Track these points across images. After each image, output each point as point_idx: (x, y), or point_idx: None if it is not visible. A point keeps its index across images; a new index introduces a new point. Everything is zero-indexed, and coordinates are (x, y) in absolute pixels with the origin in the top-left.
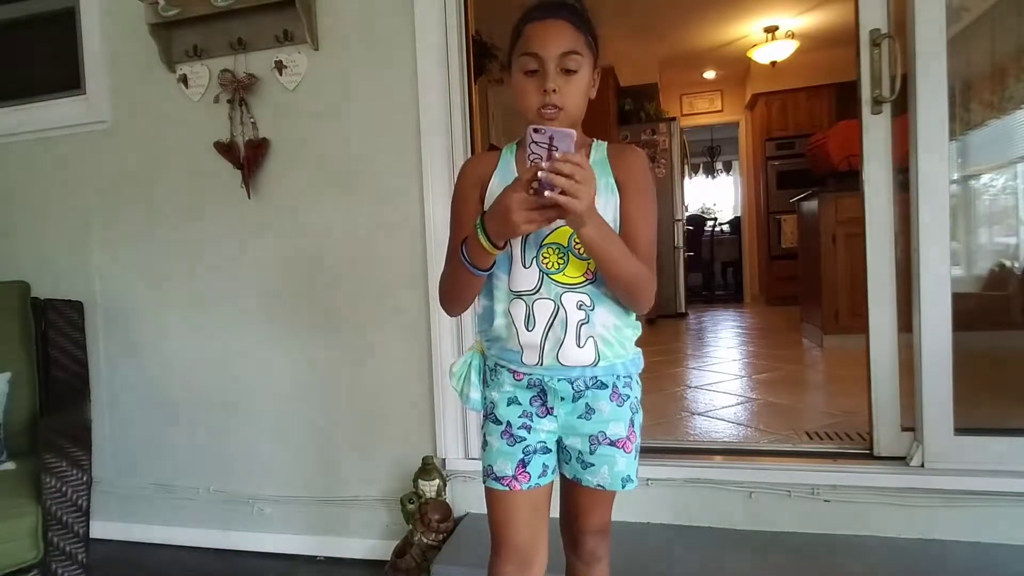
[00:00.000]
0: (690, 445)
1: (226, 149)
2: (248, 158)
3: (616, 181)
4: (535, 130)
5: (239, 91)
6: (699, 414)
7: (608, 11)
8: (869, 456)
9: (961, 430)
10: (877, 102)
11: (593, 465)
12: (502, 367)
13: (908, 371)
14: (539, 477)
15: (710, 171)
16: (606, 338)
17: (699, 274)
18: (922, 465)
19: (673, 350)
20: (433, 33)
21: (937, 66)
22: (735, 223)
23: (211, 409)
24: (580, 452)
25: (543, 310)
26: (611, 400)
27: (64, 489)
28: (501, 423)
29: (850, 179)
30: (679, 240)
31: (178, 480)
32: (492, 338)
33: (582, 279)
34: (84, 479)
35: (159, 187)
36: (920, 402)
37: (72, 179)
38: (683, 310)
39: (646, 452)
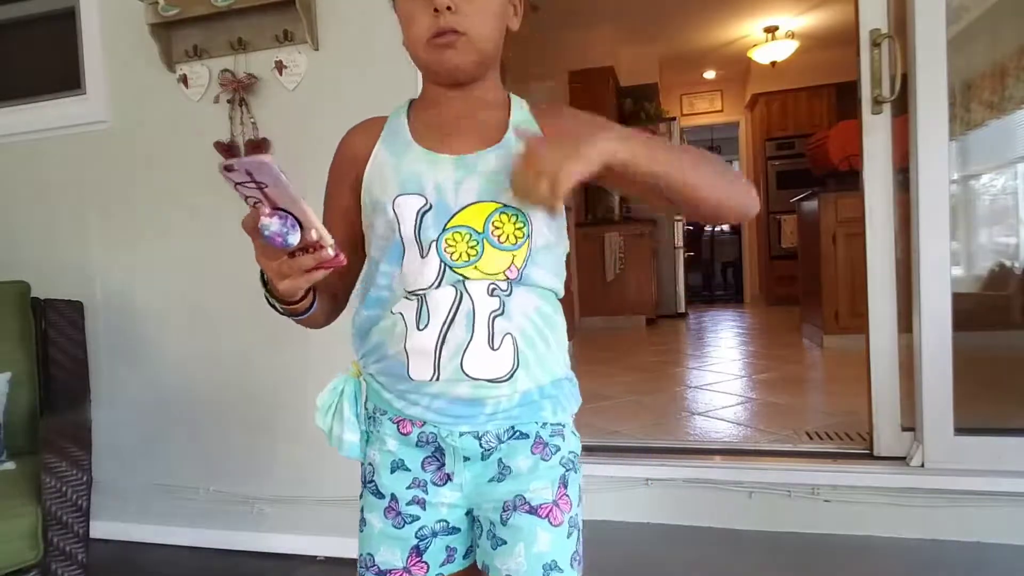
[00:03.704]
0: (690, 445)
1: (226, 149)
2: None
3: None
4: (225, 168)
5: (239, 91)
6: (699, 414)
7: (608, 11)
8: (869, 456)
9: (961, 430)
10: (877, 102)
11: (505, 543)
12: (382, 414)
13: (908, 371)
14: (441, 566)
15: None
16: (527, 333)
17: (699, 274)
18: (922, 465)
19: (673, 350)
20: None
21: (937, 66)
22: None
23: (210, 409)
24: (492, 524)
25: (440, 302)
26: (532, 452)
27: (64, 489)
28: (384, 497)
29: (850, 179)
30: (679, 240)
31: (177, 480)
32: (369, 350)
33: (503, 277)
34: (84, 479)
35: (159, 187)
36: (920, 402)
37: (72, 179)
38: (683, 310)
39: (646, 452)
